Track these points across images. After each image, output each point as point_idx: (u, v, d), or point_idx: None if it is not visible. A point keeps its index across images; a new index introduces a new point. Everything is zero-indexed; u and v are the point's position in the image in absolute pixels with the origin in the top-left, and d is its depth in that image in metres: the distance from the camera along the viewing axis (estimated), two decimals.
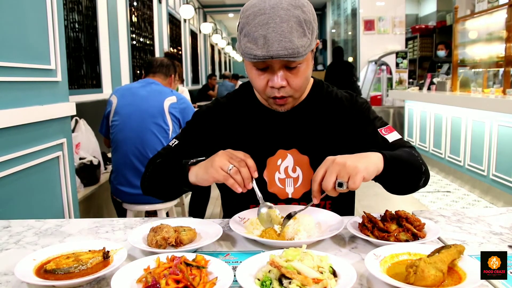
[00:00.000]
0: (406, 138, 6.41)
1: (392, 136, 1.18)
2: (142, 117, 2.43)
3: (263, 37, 0.98)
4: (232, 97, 1.32)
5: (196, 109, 1.40)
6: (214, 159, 1.02)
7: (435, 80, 5.82)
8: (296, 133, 1.22)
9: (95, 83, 4.15)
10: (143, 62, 5.51)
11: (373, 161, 0.99)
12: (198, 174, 1.07)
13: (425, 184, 1.14)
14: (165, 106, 2.45)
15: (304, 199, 1.22)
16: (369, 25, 9.29)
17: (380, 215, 1.07)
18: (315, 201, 0.99)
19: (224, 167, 1.00)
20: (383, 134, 1.19)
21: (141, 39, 5.91)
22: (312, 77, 1.28)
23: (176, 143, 1.26)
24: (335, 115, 1.24)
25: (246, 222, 1.09)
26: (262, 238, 0.99)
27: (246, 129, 1.24)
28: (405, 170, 1.07)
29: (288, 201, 1.22)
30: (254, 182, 1.03)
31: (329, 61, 13.78)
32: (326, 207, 1.23)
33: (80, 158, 2.74)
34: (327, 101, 1.26)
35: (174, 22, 8.43)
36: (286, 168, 1.21)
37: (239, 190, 1.00)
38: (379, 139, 1.19)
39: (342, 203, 1.26)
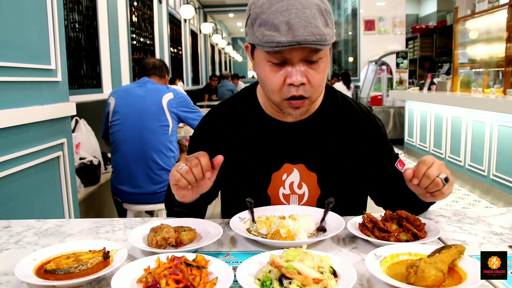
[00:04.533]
0: (406, 138, 6.41)
1: None
2: (141, 116, 2.44)
3: (285, 23, 0.89)
4: (231, 105, 1.21)
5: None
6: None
7: (435, 80, 5.82)
8: (305, 147, 1.13)
9: (95, 83, 4.16)
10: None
11: None
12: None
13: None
14: (164, 103, 2.47)
15: None
16: (370, 25, 9.29)
17: (381, 215, 1.07)
18: (415, 181, 0.97)
19: (177, 168, 0.96)
20: (399, 169, 1.13)
21: (141, 39, 5.91)
22: None
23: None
24: (349, 129, 1.15)
25: (246, 222, 1.09)
26: (263, 238, 0.99)
27: (249, 141, 1.15)
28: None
29: None
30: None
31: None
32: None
33: (80, 158, 2.75)
34: (342, 112, 1.16)
35: (175, 22, 8.44)
36: (292, 184, 1.14)
37: (189, 187, 0.97)
38: (395, 173, 1.14)
39: (354, 203, 1.22)
